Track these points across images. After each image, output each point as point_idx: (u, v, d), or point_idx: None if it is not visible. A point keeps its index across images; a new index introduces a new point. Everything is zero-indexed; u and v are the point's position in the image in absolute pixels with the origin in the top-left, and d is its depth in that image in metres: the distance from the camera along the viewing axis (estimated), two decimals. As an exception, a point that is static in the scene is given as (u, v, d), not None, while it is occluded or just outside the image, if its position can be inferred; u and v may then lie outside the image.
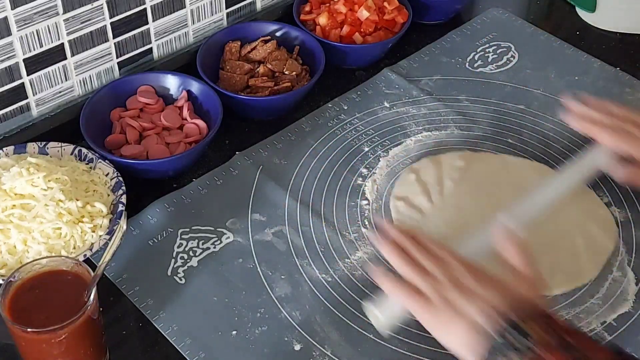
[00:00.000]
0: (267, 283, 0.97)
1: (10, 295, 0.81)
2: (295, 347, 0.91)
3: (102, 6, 1.09)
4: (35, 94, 1.10)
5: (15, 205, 0.94)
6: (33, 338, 0.81)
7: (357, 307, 0.94)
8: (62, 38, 1.08)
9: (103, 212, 0.98)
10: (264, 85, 1.15)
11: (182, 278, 0.97)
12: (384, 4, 1.24)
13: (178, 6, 1.18)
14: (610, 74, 1.24)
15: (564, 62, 1.27)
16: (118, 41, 1.14)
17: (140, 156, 1.06)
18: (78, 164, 1.03)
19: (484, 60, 1.27)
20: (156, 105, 1.12)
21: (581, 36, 1.32)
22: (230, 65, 1.18)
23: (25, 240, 0.93)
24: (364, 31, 1.23)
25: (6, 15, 1.01)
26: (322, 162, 1.11)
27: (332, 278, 0.98)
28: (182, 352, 0.90)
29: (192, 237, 1.01)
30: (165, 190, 1.07)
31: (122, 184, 1.01)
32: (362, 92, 1.21)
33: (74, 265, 0.84)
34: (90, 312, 0.81)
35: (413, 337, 0.92)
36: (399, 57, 1.27)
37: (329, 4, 1.26)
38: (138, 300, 0.95)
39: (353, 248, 1.01)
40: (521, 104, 1.20)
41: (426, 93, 1.21)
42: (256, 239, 1.02)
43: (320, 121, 1.17)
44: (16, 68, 1.06)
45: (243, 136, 1.14)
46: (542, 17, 1.38)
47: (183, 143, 1.09)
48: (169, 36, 1.20)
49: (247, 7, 1.27)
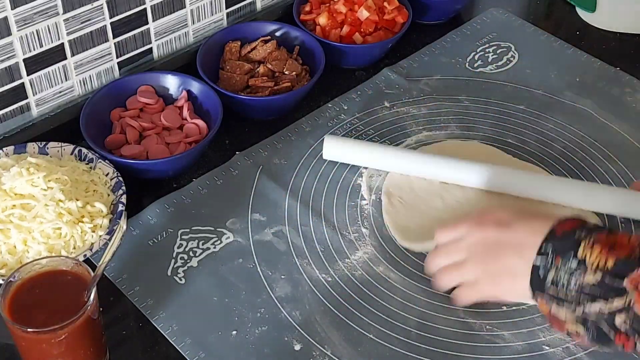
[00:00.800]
0: (267, 283, 0.97)
1: (10, 295, 0.81)
2: (295, 347, 0.91)
3: (102, 6, 1.09)
4: (35, 94, 1.10)
5: (15, 205, 0.94)
6: (33, 338, 0.81)
7: (357, 307, 0.95)
8: (62, 38, 1.08)
9: (103, 212, 0.98)
10: (264, 85, 1.15)
11: (182, 278, 0.97)
12: (384, 4, 1.24)
13: (178, 6, 1.18)
14: (610, 74, 1.24)
15: (564, 62, 1.27)
16: (118, 41, 1.14)
17: (140, 156, 1.06)
18: (78, 164, 1.03)
19: (484, 60, 1.27)
20: (156, 105, 1.12)
21: (581, 36, 1.32)
22: (230, 65, 1.18)
23: (25, 240, 0.93)
24: (364, 31, 1.23)
25: (6, 15, 1.01)
26: (322, 162, 1.11)
27: (332, 278, 0.98)
28: (182, 352, 0.90)
29: (192, 237, 1.01)
30: (165, 190, 1.07)
31: (122, 184, 1.01)
32: (362, 92, 1.21)
33: (74, 265, 0.84)
34: (90, 312, 0.81)
35: (413, 337, 0.92)
36: (399, 57, 1.27)
37: (329, 4, 1.26)
38: (138, 300, 0.95)
39: (353, 248, 1.01)
40: (521, 104, 1.20)
41: (426, 93, 1.21)
42: (256, 239, 1.02)
43: (320, 121, 1.17)
44: (16, 68, 1.06)
45: (243, 136, 1.14)
46: (542, 17, 1.38)
47: (183, 143, 1.09)
48: (169, 36, 1.20)
49: (247, 7, 1.27)
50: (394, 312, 0.94)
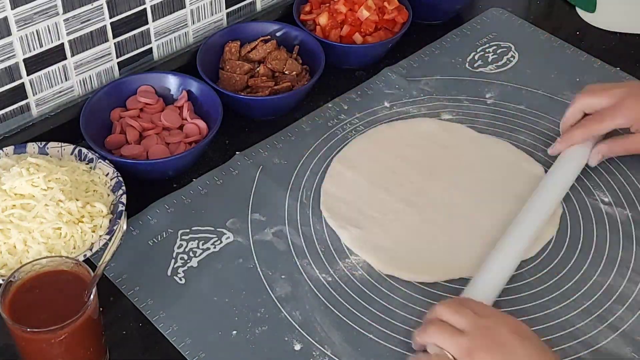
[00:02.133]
0: (267, 283, 0.97)
1: (10, 295, 0.81)
2: (295, 347, 0.91)
3: (102, 6, 1.09)
4: (35, 94, 1.10)
5: (15, 205, 0.94)
6: (33, 338, 0.80)
7: (357, 307, 0.95)
8: (62, 38, 1.08)
9: (103, 212, 0.98)
10: (265, 85, 1.15)
11: (182, 278, 0.97)
12: (384, 4, 1.24)
13: (178, 6, 1.18)
14: (610, 74, 1.24)
15: (564, 62, 1.27)
16: (118, 41, 1.14)
17: (140, 156, 1.06)
18: (78, 164, 1.03)
19: (484, 60, 1.27)
20: (156, 105, 1.12)
21: (581, 36, 1.32)
22: (230, 65, 1.18)
23: (25, 240, 0.93)
24: (364, 31, 1.23)
25: (6, 15, 1.01)
26: (322, 162, 1.11)
27: (332, 278, 0.98)
28: (182, 352, 0.90)
29: (192, 237, 1.01)
30: (165, 190, 1.07)
31: (122, 184, 1.01)
32: (362, 92, 1.21)
33: (74, 265, 0.84)
34: (90, 312, 0.81)
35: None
36: (399, 57, 1.27)
37: (329, 4, 1.26)
38: (138, 301, 0.95)
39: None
40: (521, 104, 1.20)
41: (426, 93, 1.21)
42: (256, 239, 1.02)
43: (320, 121, 1.17)
44: (16, 68, 1.06)
45: (243, 136, 1.14)
46: (542, 17, 1.38)
47: (183, 143, 1.09)
48: (169, 36, 1.20)
49: (247, 7, 1.27)
50: (394, 312, 0.94)
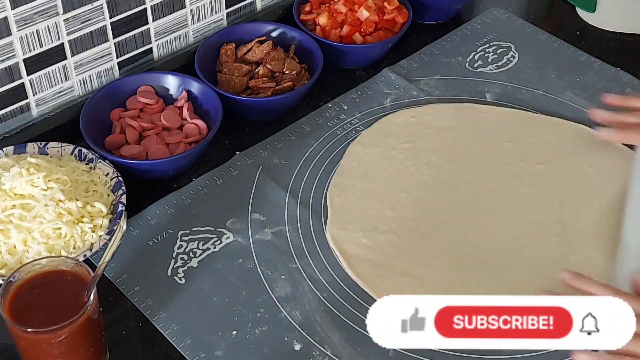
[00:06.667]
0: (267, 283, 0.97)
1: (10, 295, 0.81)
2: (295, 347, 0.91)
3: (102, 6, 1.09)
4: (35, 94, 1.10)
5: (15, 205, 0.94)
6: (33, 338, 0.81)
7: (357, 307, 0.95)
8: (62, 38, 1.08)
9: (103, 212, 0.98)
10: (266, 86, 1.15)
11: (182, 278, 0.97)
12: (384, 4, 1.24)
13: (178, 6, 1.18)
14: (610, 74, 1.24)
15: (564, 62, 1.27)
16: (118, 41, 1.14)
17: (140, 156, 1.06)
18: (78, 164, 1.03)
19: (484, 60, 1.27)
20: (156, 106, 1.12)
21: (581, 36, 1.32)
22: (227, 67, 1.17)
23: (25, 240, 0.93)
24: (364, 31, 1.23)
25: (6, 15, 1.01)
26: (322, 162, 1.11)
27: (332, 278, 0.98)
28: (182, 352, 0.90)
29: (192, 238, 1.01)
30: (165, 190, 1.07)
31: (122, 184, 1.01)
32: (362, 92, 1.21)
33: (74, 265, 0.84)
34: (90, 312, 0.81)
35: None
36: (399, 57, 1.27)
37: (329, 4, 1.26)
38: (138, 300, 0.95)
39: (353, 248, 1.01)
40: (521, 104, 1.20)
41: (426, 93, 1.21)
42: (256, 239, 1.02)
43: (320, 121, 1.17)
44: (16, 68, 1.06)
45: (243, 136, 1.14)
46: (542, 17, 1.38)
47: (183, 143, 1.09)
48: (169, 36, 1.20)
49: (247, 7, 1.27)
50: (394, 312, 0.94)
